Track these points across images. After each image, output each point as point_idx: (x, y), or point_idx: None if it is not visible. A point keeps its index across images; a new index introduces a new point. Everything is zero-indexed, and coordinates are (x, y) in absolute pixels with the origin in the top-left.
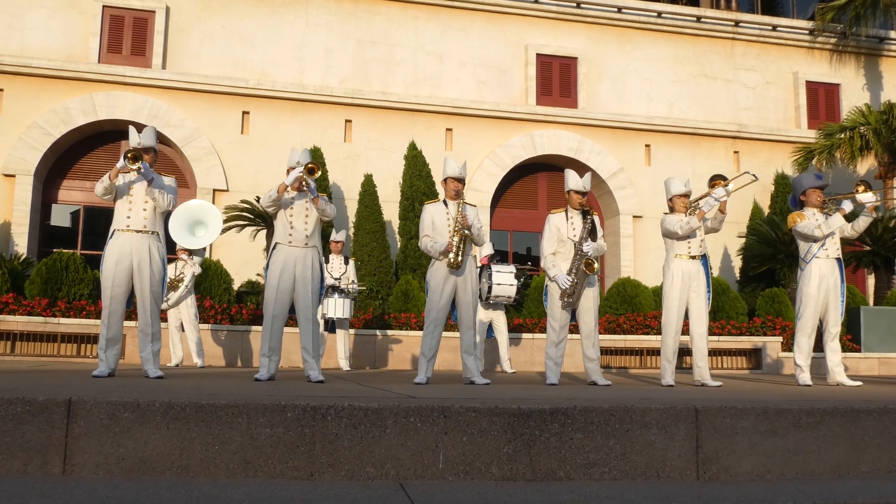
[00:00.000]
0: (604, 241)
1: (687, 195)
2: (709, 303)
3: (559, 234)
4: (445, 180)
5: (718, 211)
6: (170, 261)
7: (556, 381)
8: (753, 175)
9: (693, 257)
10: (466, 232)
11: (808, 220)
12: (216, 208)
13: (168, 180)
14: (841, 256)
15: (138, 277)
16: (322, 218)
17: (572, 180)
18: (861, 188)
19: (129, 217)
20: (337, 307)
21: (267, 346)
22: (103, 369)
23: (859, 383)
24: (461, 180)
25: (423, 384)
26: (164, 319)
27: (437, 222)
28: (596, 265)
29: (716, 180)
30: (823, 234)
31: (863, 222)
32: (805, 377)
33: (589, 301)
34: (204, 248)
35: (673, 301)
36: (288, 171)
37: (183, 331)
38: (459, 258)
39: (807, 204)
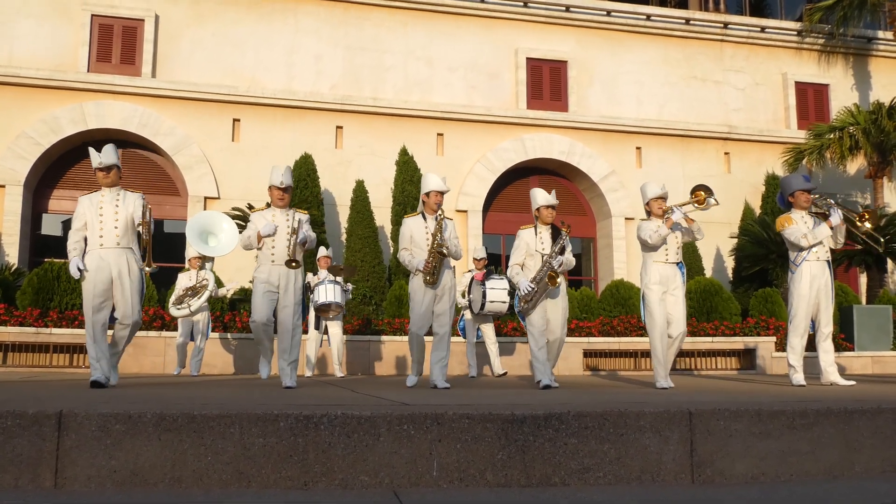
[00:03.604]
0: (573, 256)
1: (664, 197)
2: (685, 306)
3: (528, 249)
4: (428, 194)
5: (689, 226)
6: (176, 271)
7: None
8: (716, 200)
9: (670, 263)
10: (444, 252)
11: (795, 224)
12: (231, 222)
13: (137, 198)
14: (830, 259)
15: (119, 285)
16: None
17: (541, 197)
18: (867, 216)
19: (101, 236)
20: (328, 292)
21: (266, 346)
22: (100, 375)
23: (853, 383)
24: (444, 193)
25: (415, 385)
26: (168, 327)
27: (415, 236)
28: (559, 279)
29: (697, 191)
30: (809, 243)
31: (841, 237)
32: (799, 377)
33: (558, 313)
34: (212, 258)
35: (654, 304)
36: (269, 189)
37: (192, 340)
38: (435, 276)
39: (795, 205)
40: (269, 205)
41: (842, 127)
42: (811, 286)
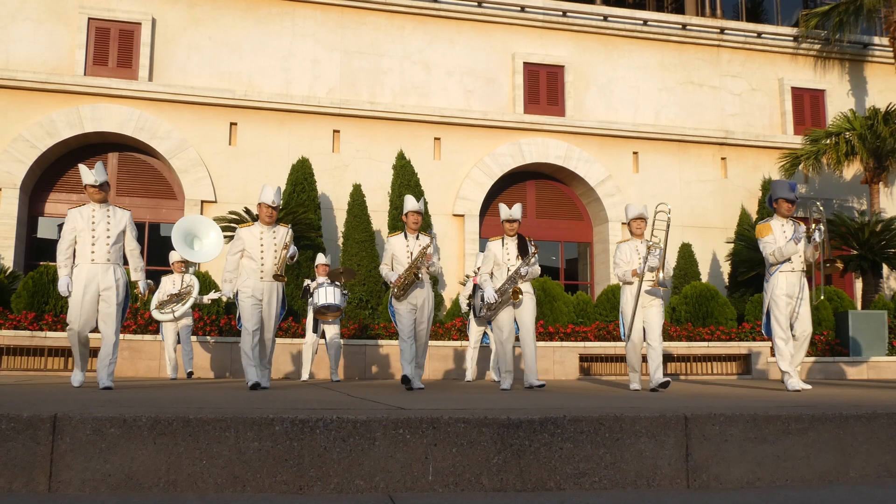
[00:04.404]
0: (538, 267)
1: (641, 218)
2: (662, 317)
3: (496, 259)
4: (406, 214)
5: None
6: (167, 273)
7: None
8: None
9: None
10: (418, 275)
11: (772, 234)
12: (218, 230)
13: (127, 214)
14: (805, 269)
15: (105, 299)
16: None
17: (503, 212)
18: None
19: (92, 252)
20: (328, 294)
21: (250, 357)
22: (83, 379)
23: (808, 387)
24: (421, 214)
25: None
26: (158, 331)
27: (397, 254)
28: (521, 296)
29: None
30: (776, 259)
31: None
32: (794, 382)
33: (525, 316)
34: (195, 263)
35: (628, 317)
36: (258, 206)
37: (178, 342)
38: (404, 290)
39: (777, 212)
40: (256, 218)
41: (838, 132)
42: (785, 293)
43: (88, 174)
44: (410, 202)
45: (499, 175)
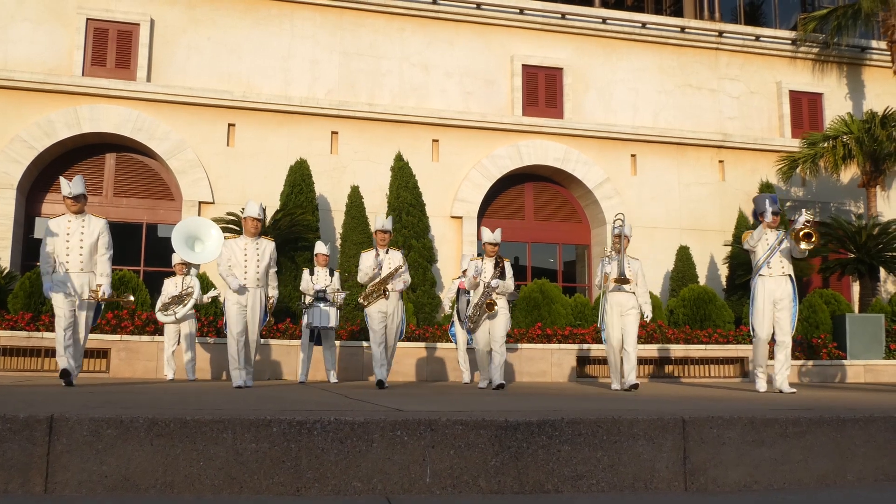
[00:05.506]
0: (512, 282)
1: (619, 236)
2: (637, 325)
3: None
4: (376, 232)
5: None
6: (168, 275)
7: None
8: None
9: (623, 292)
10: (386, 292)
11: (751, 237)
12: (218, 229)
13: (101, 223)
14: (791, 274)
15: (80, 305)
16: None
17: (486, 235)
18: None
19: (67, 261)
20: (322, 316)
21: (236, 360)
22: (67, 364)
23: (794, 391)
24: (388, 232)
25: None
26: (161, 332)
27: (367, 267)
28: (496, 307)
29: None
30: (751, 246)
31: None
32: (761, 385)
33: (500, 328)
34: (197, 265)
35: (610, 323)
36: (244, 220)
37: (178, 344)
38: (369, 301)
39: (762, 223)
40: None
41: (835, 136)
42: (765, 299)
43: (66, 186)
44: (380, 221)
45: (497, 177)
